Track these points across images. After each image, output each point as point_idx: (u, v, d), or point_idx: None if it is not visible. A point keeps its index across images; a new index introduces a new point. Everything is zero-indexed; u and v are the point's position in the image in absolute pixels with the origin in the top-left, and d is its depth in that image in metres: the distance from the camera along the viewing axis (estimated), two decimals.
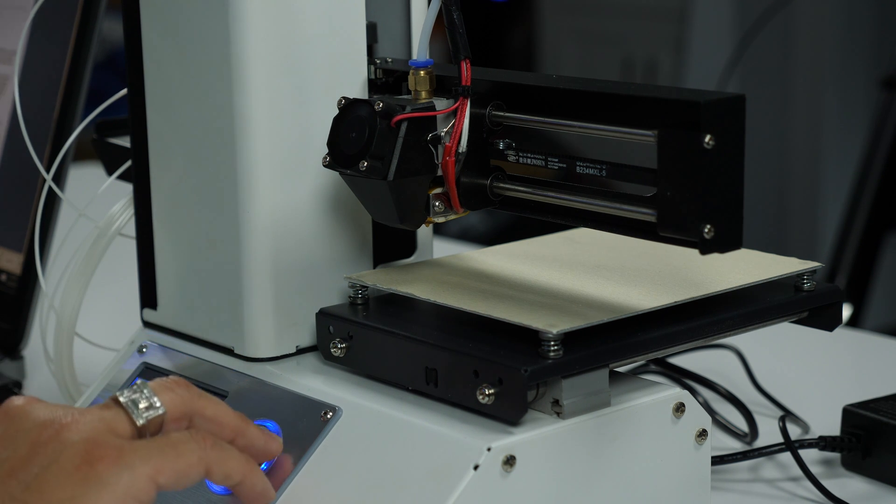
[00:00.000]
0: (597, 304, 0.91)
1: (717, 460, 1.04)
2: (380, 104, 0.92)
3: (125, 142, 1.10)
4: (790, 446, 1.05)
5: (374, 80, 1.00)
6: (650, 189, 0.86)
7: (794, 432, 1.15)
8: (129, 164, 1.08)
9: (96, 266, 1.11)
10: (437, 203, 0.95)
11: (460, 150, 0.93)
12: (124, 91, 1.06)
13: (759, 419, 1.15)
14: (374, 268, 1.03)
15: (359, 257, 1.01)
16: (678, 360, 1.22)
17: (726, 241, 0.83)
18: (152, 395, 0.82)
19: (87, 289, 1.11)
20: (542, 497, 0.87)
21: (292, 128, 0.97)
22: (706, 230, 0.82)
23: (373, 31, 1.01)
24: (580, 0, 3.86)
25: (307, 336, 1.00)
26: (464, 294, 0.94)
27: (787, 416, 1.14)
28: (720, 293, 0.94)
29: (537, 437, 0.86)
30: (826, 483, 1.03)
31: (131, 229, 1.08)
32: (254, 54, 0.95)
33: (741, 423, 1.15)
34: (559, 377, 0.87)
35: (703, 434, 0.93)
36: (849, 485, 1.07)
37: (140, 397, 0.82)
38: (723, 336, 0.96)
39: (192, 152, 1.00)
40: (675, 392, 0.92)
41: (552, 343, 0.86)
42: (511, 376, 0.85)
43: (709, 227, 0.82)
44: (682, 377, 1.19)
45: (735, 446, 1.14)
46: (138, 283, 1.07)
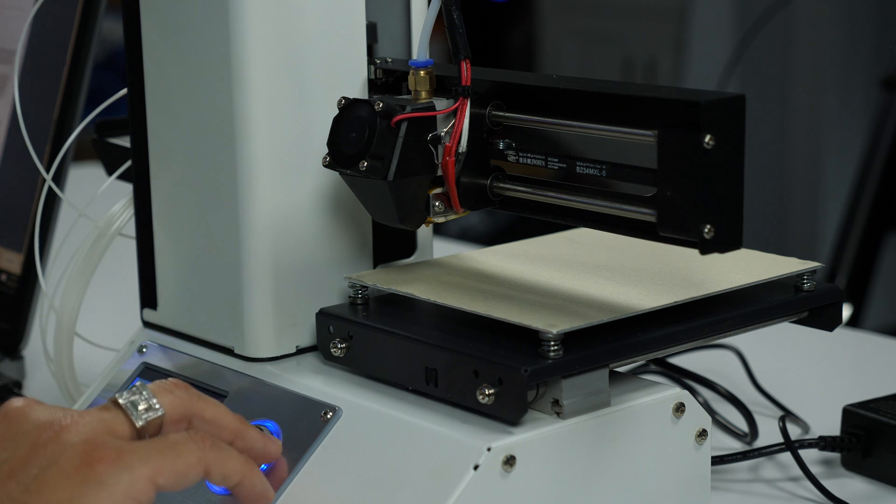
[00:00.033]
0: (597, 304, 0.91)
1: (717, 460, 1.04)
2: (380, 104, 0.92)
3: (125, 142, 1.10)
4: (790, 446, 1.05)
5: (374, 80, 1.00)
6: (650, 189, 0.86)
7: (794, 432, 1.15)
8: (129, 164, 1.08)
9: (96, 266, 1.11)
10: (437, 203, 0.94)
11: (460, 150, 0.93)
12: (124, 91, 1.06)
13: (759, 419, 1.15)
14: (374, 268, 1.03)
15: (359, 257, 1.01)
16: (678, 360, 1.22)
17: (726, 241, 0.83)
18: (151, 396, 0.82)
19: (87, 289, 1.11)
20: (542, 497, 0.87)
21: (292, 128, 0.97)
22: (706, 230, 0.82)
23: (373, 31, 1.01)
24: (580, 0, 3.86)
25: (307, 336, 1.00)
26: (464, 294, 0.94)
27: (787, 416, 1.14)
28: (720, 293, 0.94)
29: (537, 437, 0.86)
30: (826, 483, 1.03)
31: (131, 229, 1.08)
32: (254, 54, 0.95)
33: (741, 423, 1.15)
34: (559, 377, 0.87)
35: (703, 434, 0.93)
36: (849, 485, 1.07)
37: (139, 399, 0.82)
38: (723, 336, 0.96)
39: (192, 152, 1.00)
40: (675, 392, 0.92)
41: (552, 343, 0.86)
42: (511, 376, 0.85)
43: (709, 227, 0.82)
44: (682, 377, 1.19)
45: (735, 446, 1.14)
46: (138, 283, 1.07)
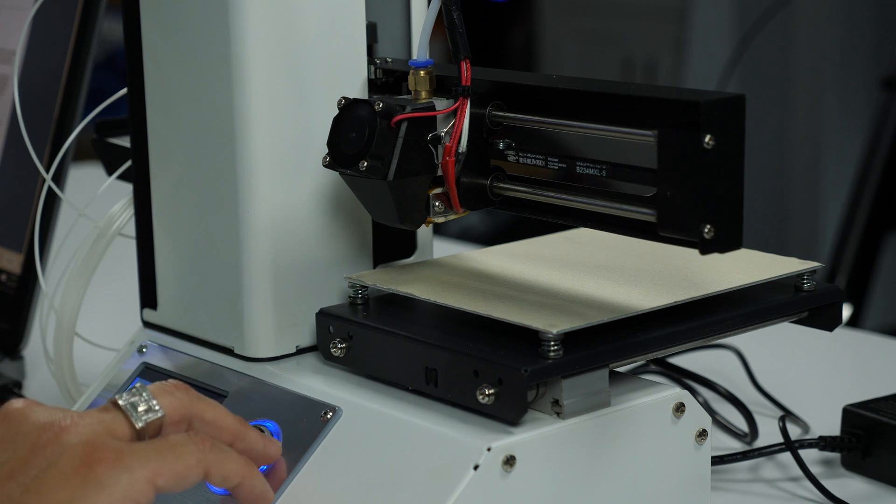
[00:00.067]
0: (597, 304, 0.91)
1: (717, 460, 1.04)
2: (380, 104, 0.92)
3: (125, 142, 1.10)
4: (790, 446, 1.05)
5: (374, 80, 1.00)
6: (650, 189, 0.86)
7: (794, 432, 1.15)
8: (129, 164, 1.08)
9: (96, 266, 1.11)
10: (437, 203, 0.94)
11: (460, 150, 0.93)
12: (124, 91, 1.06)
13: (759, 419, 1.15)
14: (374, 268, 1.03)
15: (359, 257, 1.01)
16: (678, 360, 1.22)
17: (726, 241, 0.83)
18: (151, 398, 0.82)
19: (87, 289, 1.11)
20: (542, 497, 0.87)
21: (292, 128, 0.97)
22: (706, 230, 0.82)
23: (373, 31, 1.01)
24: (580, 0, 3.86)
25: (307, 336, 1.00)
26: (464, 294, 0.94)
27: (787, 416, 1.14)
28: (720, 293, 0.94)
29: (537, 437, 0.86)
30: (826, 483, 1.03)
31: (131, 229, 1.08)
32: (254, 54, 0.95)
33: (741, 423, 1.15)
34: (559, 377, 0.87)
35: (703, 434, 0.93)
36: (849, 485, 1.07)
37: (139, 400, 0.82)
38: (723, 336, 0.96)
39: (192, 152, 1.00)
40: (675, 392, 0.92)
41: (552, 343, 0.86)
42: (511, 376, 0.85)
43: (709, 227, 0.82)
44: (682, 377, 1.19)
45: (735, 446, 1.14)
46: (138, 283, 1.07)
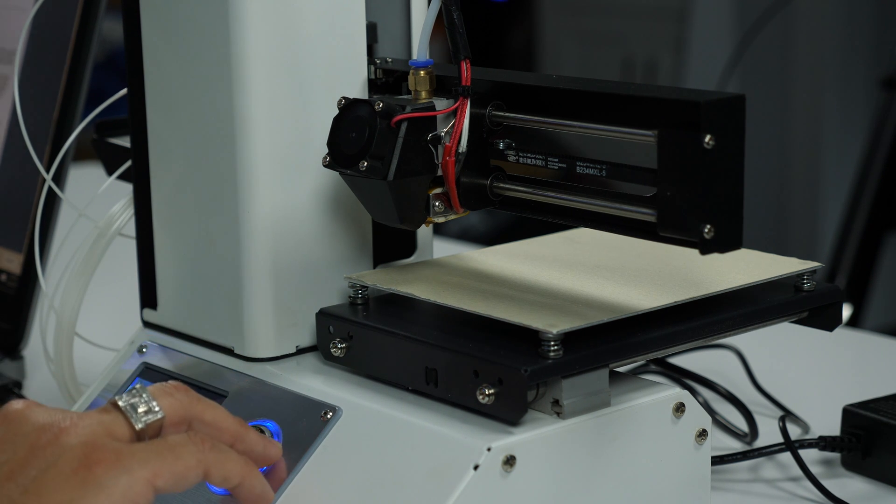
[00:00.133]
0: (597, 304, 0.91)
1: (717, 460, 1.04)
2: (380, 104, 0.92)
3: (125, 142, 1.10)
4: (790, 446, 1.05)
5: (374, 80, 1.00)
6: (650, 189, 0.86)
7: (794, 432, 1.15)
8: (129, 164, 1.08)
9: (96, 266, 1.11)
10: (437, 203, 0.94)
11: (460, 150, 0.93)
12: (124, 91, 1.06)
13: (759, 419, 1.15)
14: (374, 268, 1.02)
15: (359, 257, 1.01)
16: (678, 360, 1.22)
17: (726, 241, 0.83)
18: (151, 399, 0.82)
19: (87, 289, 1.11)
20: (542, 497, 0.87)
21: (292, 128, 0.97)
22: (706, 230, 0.82)
23: (373, 31, 1.01)
24: (580, 0, 3.86)
25: (307, 336, 1.00)
26: (464, 294, 0.94)
27: (787, 416, 1.14)
28: (720, 293, 0.94)
29: (537, 437, 0.86)
30: (826, 483, 1.03)
31: (131, 229, 1.08)
32: (254, 54, 0.95)
33: (741, 423, 1.15)
34: (559, 377, 0.87)
35: (703, 434, 0.93)
36: (849, 485, 1.07)
37: (139, 401, 0.82)
38: (723, 336, 0.96)
39: (192, 152, 1.00)
40: (675, 392, 0.92)
41: (552, 343, 0.86)
42: (511, 376, 0.85)
43: (709, 227, 0.82)
44: (682, 377, 1.19)
45: (735, 446, 1.14)
46: (138, 283, 1.07)
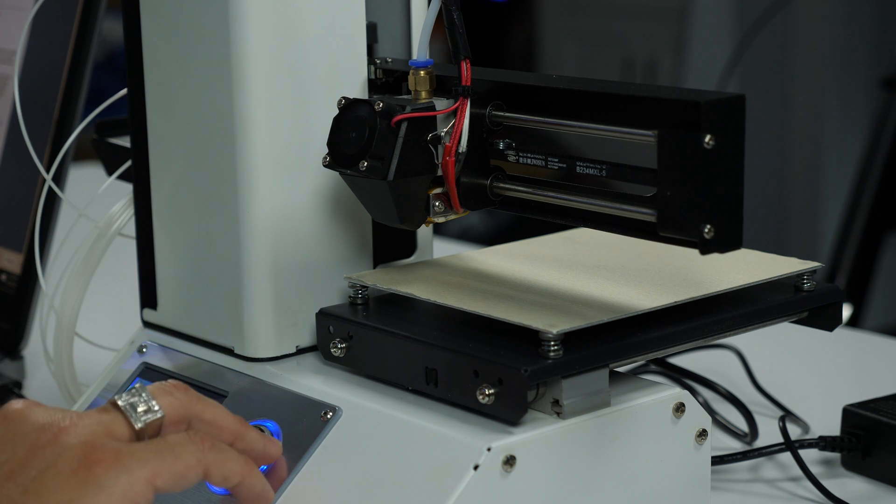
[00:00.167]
0: (597, 304, 0.91)
1: (717, 460, 1.04)
2: (380, 104, 0.92)
3: (125, 142, 1.10)
4: (790, 446, 1.05)
5: (374, 80, 1.00)
6: (650, 189, 0.86)
7: (794, 432, 1.15)
8: (129, 164, 1.08)
9: (96, 266, 1.11)
10: (437, 203, 0.94)
11: (460, 150, 0.93)
12: (124, 91, 1.06)
13: (759, 419, 1.15)
14: (374, 268, 1.02)
15: (359, 257, 1.01)
16: (678, 360, 1.22)
17: (726, 241, 0.83)
18: (150, 398, 0.82)
19: (87, 289, 1.11)
20: (542, 497, 0.87)
21: (292, 128, 0.97)
22: (706, 230, 0.82)
23: (373, 31, 1.01)
24: (580, 0, 3.86)
25: (307, 336, 1.00)
26: (464, 294, 0.94)
27: (787, 416, 1.14)
28: (720, 293, 0.94)
29: (537, 437, 0.86)
30: (826, 483, 1.03)
31: (131, 229, 1.08)
32: (254, 54, 0.95)
33: (741, 423, 1.15)
34: (559, 377, 0.87)
35: (703, 434, 0.93)
36: (849, 485, 1.07)
37: (139, 401, 0.82)
38: (723, 336, 0.96)
39: (192, 152, 1.00)
40: (675, 392, 0.92)
41: (552, 343, 0.86)
42: (511, 376, 0.85)
43: (709, 227, 0.82)
44: (682, 377, 1.19)
45: (735, 446, 1.14)
46: (138, 283, 1.07)
